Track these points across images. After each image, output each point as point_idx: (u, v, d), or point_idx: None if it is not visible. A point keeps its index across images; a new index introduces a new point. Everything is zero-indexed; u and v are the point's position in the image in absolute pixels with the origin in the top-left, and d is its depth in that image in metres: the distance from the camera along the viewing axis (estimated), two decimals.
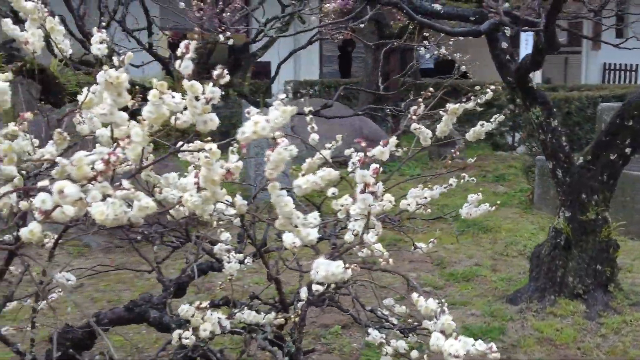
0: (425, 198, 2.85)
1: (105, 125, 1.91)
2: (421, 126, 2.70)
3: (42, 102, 5.62)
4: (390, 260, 2.35)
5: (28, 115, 1.72)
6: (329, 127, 9.89)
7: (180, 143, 1.81)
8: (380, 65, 7.47)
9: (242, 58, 7.64)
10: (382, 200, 2.41)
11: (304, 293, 2.12)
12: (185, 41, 1.64)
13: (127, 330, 4.13)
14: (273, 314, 2.36)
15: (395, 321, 2.76)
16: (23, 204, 1.57)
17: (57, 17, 2.15)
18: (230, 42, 4.99)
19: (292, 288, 3.83)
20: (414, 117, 2.65)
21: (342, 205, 2.06)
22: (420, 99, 2.63)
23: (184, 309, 2.00)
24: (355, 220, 2.26)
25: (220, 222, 2.57)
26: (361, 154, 2.90)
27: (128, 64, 1.72)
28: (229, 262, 2.47)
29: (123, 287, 4.91)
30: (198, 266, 3.08)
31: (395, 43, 7.28)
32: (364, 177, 1.61)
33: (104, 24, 6.70)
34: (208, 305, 1.84)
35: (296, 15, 6.33)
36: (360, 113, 6.26)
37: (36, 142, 1.99)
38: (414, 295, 1.93)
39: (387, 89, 7.60)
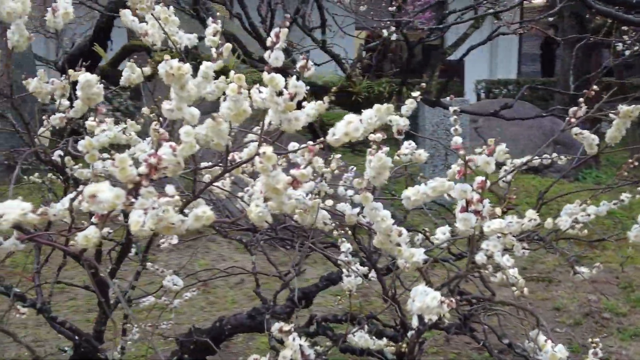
0: (589, 215, 2.42)
1: None
2: (584, 132, 2.28)
3: None
4: (525, 290, 2.00)
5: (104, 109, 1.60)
6: (517, 130, 9.30)
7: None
8: (574, 62, 6.82)
9: (431, 56, 7.37)
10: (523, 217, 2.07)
11: (415, 321, 1.83)
12: (276, 29, 1.43)
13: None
14: (385, 339, 2.09)
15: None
16: (85, 205, 1.44)
17: (171, 7, 2.03)
18: (394, 37, 4.73)
19: None
20: (572, 120, 2.24)
21: None
22: (581, 99, 2.23)
23: (276, 327, 1.80)
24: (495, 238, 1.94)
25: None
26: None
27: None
28: (348, 277, 2.24)
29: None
30: (328, 276, 2.89)
31: (591, 39, 6.63)
32: (463, 192, 1.30)
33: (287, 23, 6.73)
34: (292, 329, 1.61)
35: (487, 9, 5.93)
36: (544, 115, 5.72)
37: None
38: (541, 338, 1.57)
39: (579, 89, 6.90)
